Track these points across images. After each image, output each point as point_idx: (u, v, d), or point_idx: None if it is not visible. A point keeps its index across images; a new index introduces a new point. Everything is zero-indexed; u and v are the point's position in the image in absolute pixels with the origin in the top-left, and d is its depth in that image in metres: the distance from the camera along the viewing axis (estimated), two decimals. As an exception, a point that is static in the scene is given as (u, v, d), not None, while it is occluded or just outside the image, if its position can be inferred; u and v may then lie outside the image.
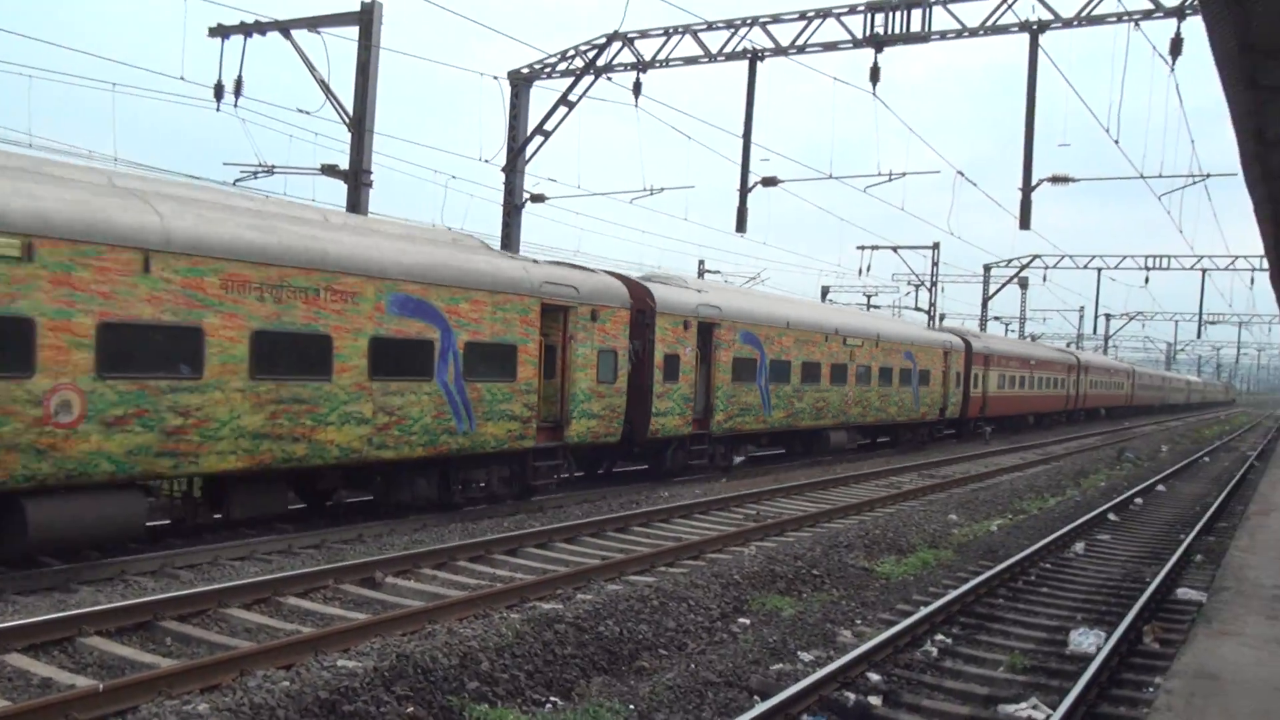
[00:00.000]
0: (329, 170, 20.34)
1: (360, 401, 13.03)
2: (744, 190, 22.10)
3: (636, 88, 22.35)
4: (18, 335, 9.66)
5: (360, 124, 19.80)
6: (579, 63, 23.57)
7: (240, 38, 19.89)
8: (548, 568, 12.28)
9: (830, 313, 28.95)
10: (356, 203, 19.87)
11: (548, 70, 24.32)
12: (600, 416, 17.56)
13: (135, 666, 7.89)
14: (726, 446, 22.47)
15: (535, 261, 17.23)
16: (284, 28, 19.67)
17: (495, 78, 23.82)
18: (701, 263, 55.73)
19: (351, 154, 19.98)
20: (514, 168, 24.57)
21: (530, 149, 24.56)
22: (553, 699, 7.79)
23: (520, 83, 24.56)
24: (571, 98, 23.65)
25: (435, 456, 14.49)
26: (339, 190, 20.36)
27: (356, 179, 19.88)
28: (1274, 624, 8.27)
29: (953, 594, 10.79)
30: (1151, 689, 7.80)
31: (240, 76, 19.71)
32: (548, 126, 24.14)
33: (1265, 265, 32.12)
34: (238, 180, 20.41)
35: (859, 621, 10.26)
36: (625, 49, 22.65)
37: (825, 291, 64.80)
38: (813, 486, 20.76)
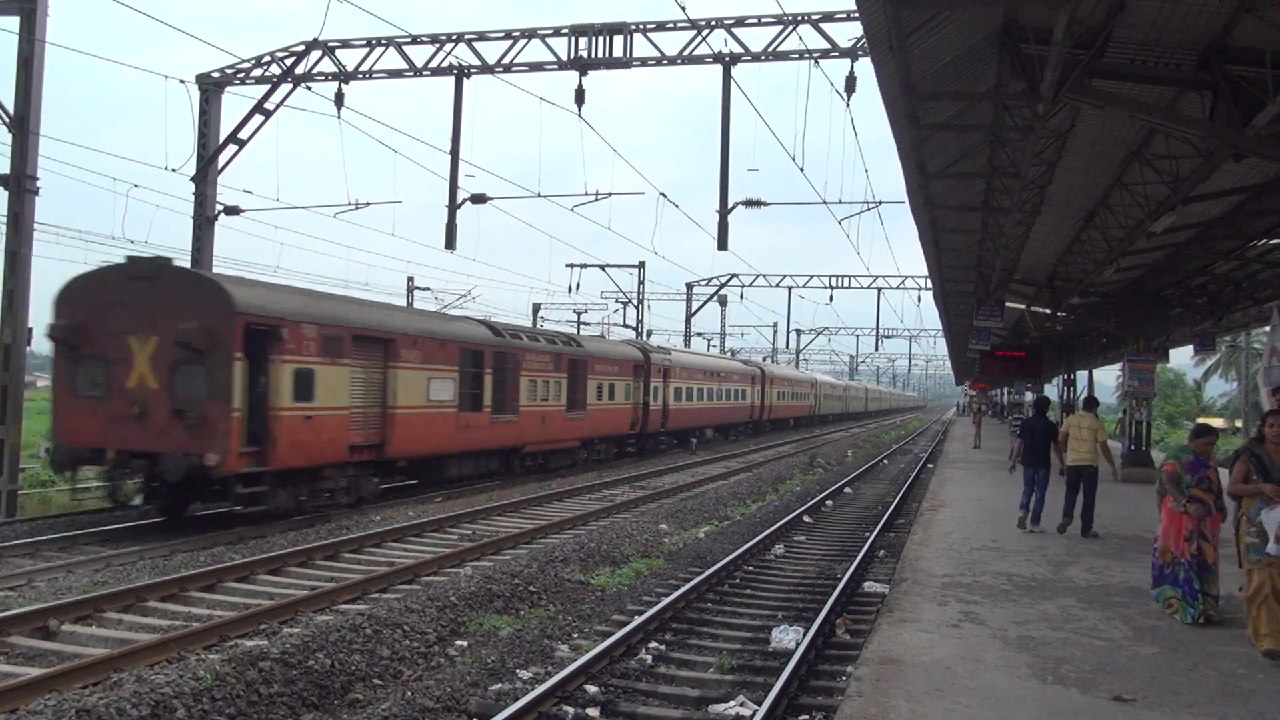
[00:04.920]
0: (-15, 175, 18.26)
1: None
2: (452, 207, 21.96)
3: (338, 99, 21.69)
4: None
5: (23, 124, 17.97)
6: (276, 70, 22.56)
7: None
8: (250, 602, 11.60)
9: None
10: (20, 211, 17.98)
11: (241, 76, 23.10)
12: None
13: None
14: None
15: None
16: (-80, 12, 17.51)
17: (183, 81, 22.34)
18: (411, 279, 54.81)
19: (13, 158, 18.09)
20: (205, 177, 23.11)
21: (223, 158, 23.21)
22: (258, 742, 7.36)
23: (210, 88, 23.18)
24: (268, 106, 22.59)
25: None
26: (-1, 197, 18.34)
27: (19, 185, 18.00)
28: (944, 609, 9.19)
29: (665, 601, 11.18)
30: (844, 677, 8.43)
31: None
32: (242, 135, 22.93)
33: (929, 285, 35.80)
34: None
35: (576, 635, 10.40)
36: (326, 58, 21.93)
37: (536, 309, 65.49)
38: (529, 503, 20.87)
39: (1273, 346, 14.66)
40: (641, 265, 50.69)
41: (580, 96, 19.93)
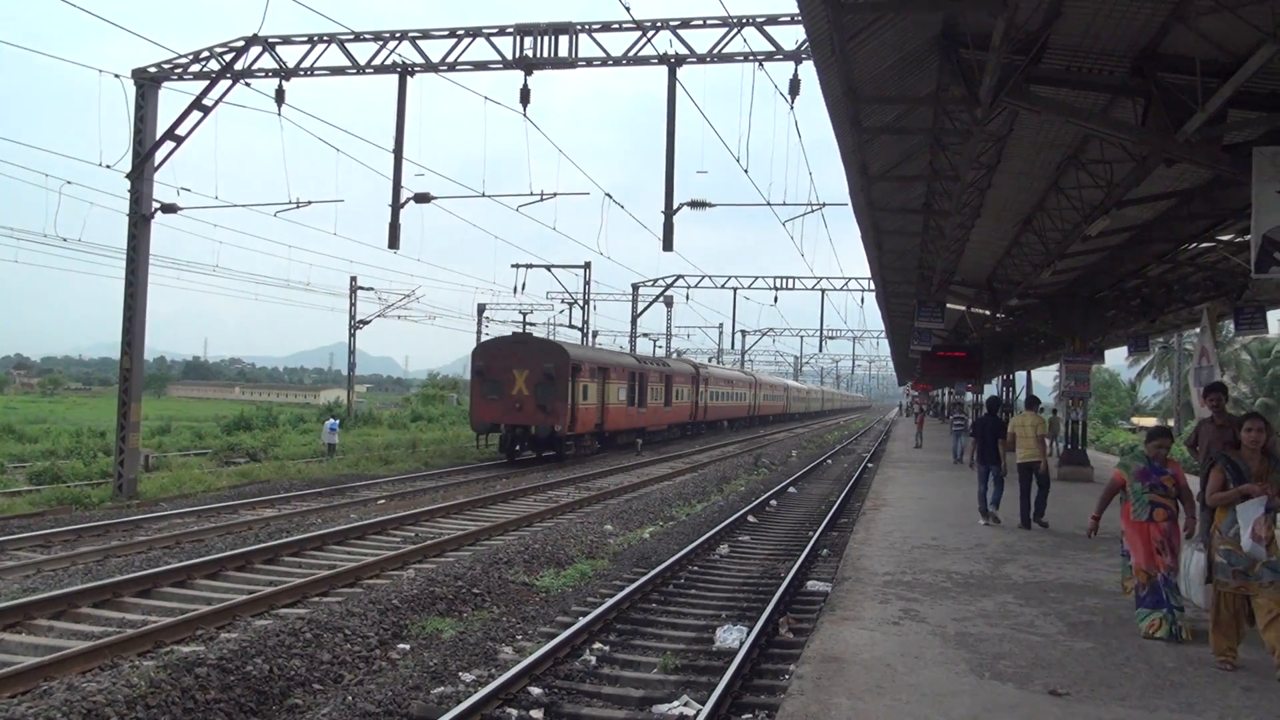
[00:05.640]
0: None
1: None
2: (396, 206, 21.72)
3: (279, 96, 21.34)
4: None
5: (-49, 117, 17.43)
6: (214, 65, 22.15)
7: None
8: (187, 607, 11.39)
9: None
10: (-53, 207, 17.44)
11: (179, 71, 22.65)
12: None
13: None
14: None
15: None
16: None
17: (118, 76, 21.86)
18: (354, 279, 54.17)
19: (-60, 151, 17.55)
20: (141, 174, 22.63)
21: (160, 155, 22.75)
22: (194, 750, 7.23)
23: (147, 83, 22.70)
24: (207, 102, 22.17)
25: None
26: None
27: (-54, 180, 17.48)
28: (885, 607, 9.29)
29: (609, 602, 11.18)
30: (787, 676, 8.49)
31: None
32: (180, 131, 22.46)
33: (872, 286, 36.16)
34: None
35: (520, 637, 10.36)
36: (266, 54, 21.58)
37: (482, 309, 65.04)
38: (472, 505, 20.75)
39: (1203, 347, 15.08)
40: (587, 266, 50.68)
41: (525, 96, 19.82)
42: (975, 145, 11.48)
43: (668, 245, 20.04)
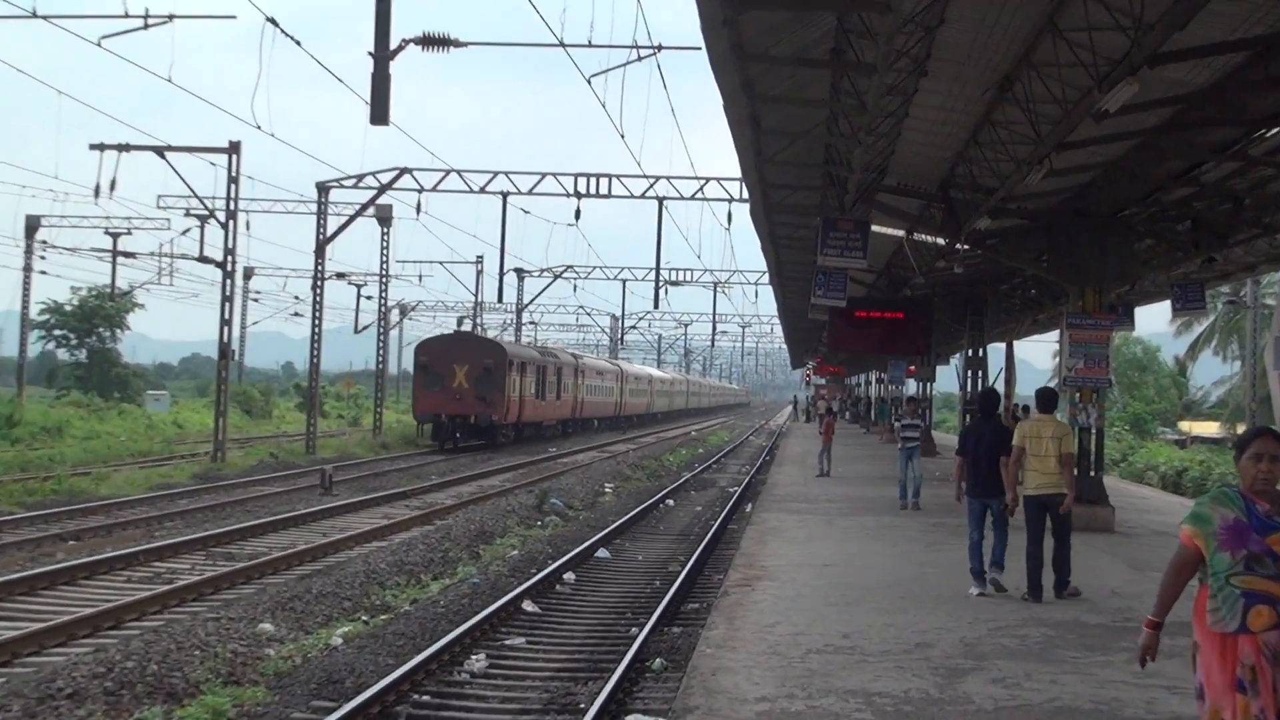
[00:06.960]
0: None
1: None
2: None
3: None
4: None
5: None
6: None
7: None
8: None
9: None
10: None
11: None
12: None
13: None
14: None
15: None
16: None
17: None
18: None
19: None
20: None
21: None
22: None
23: None
24: None
25: None
26: None
27: None
28: (758, 759, 9.46)
29: (265, 766, 11.03)
30: None
31: None
32: None
33: (745, 193, 36.54)
34: None
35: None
36: None
37: (34, 228, 63.12)
38: (12, 587, 20.04)
39: (1289, 303, 15.89)
40: (234, 150, 49.31)
41: None
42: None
43: (379, 115, 19.81)
